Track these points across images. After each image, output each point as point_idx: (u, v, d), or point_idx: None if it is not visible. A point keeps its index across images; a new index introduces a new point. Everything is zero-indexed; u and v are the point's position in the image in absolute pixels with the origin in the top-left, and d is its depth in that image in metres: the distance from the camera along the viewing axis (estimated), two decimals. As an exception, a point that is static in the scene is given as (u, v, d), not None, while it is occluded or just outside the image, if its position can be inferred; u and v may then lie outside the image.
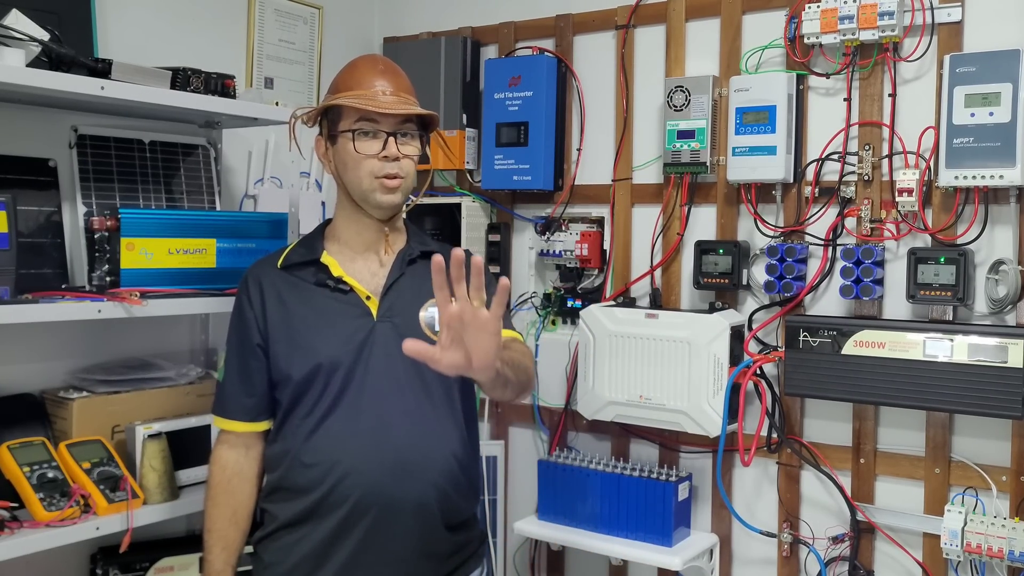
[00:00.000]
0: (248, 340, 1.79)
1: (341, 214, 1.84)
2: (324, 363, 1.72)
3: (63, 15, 2.04)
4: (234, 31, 2.55)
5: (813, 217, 2.18)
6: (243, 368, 1.79)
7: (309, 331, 1.75)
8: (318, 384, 1.73)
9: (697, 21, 2.36)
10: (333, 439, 1.71)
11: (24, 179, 2.04)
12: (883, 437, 2.13)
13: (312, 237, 1.87)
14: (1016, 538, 1.89)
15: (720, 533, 2.35)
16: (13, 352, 2.04)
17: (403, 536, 1.71)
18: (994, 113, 1.90)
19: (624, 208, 2.48)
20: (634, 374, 2.28)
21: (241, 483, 1.81)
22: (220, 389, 1.84)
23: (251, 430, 1.81)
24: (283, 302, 1.78)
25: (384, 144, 1.74)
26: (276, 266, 1.82)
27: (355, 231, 1.82)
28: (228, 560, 1.79)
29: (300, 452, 1.73)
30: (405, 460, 1.71)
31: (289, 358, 1.75)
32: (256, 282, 1.81)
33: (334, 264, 1.79)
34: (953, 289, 1.96)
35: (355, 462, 1.70)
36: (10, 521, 1.76)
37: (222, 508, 1.80)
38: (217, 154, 2.39)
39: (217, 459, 1.82)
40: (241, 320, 1.81)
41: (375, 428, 1.71)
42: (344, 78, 1.79)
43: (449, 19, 2.79)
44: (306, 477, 1.72)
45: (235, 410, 1.80)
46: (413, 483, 1.71)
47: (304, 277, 1.80)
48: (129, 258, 1.93)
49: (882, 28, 2.03)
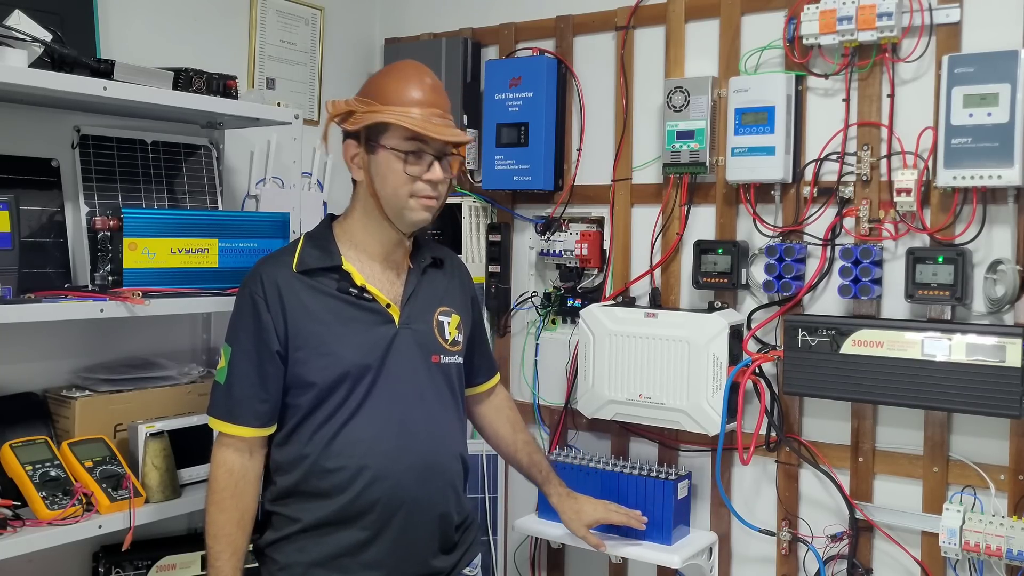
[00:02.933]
0: (266, 346, 1.73)
1: (362, 220, 1.81)
2: (352, 370, 1.73)
3: (66, 16, 2.05)
4: (236, 32, 2.56)
5: (812, 217, 2.19)
6: (259, 373, 1.73)
7: (335, 339, 1.74)
8: (342, 390, 1.73)
9: (696, 22, 2.37)
10: (358, 444, 1.72)
11: (27, 179, 2.04)
12: (882, 436, 2.14)
13: (323, 239, 1.82)
14: (1014, 536, 1.90)
15: (719, 531, 2.36)
16: (16, 351, 2.04)
17: (427, 536, 1.77)
18: (992, 113, 1.91)
19: (624, 208, 2.49)
20: (634, 373, 2.29)
21: (247, 487, 1.76)
22: (225, 393, 1.75)
23: (258, 436, 1.76)
24: (305, 308, 1.74)
25: (429, 166, 1.74)
26: (291, 268, 1.76)
27: (376, 240, 1.81)
28: (237, 565, 1.74)
29: (321, 457, 1.72)
30: (428, 463, 1.76)
31: (313, 365, 1.73)
32: (273, 285, 1.74)
33: (355, 272, 1.77)
34: (951, 289, 1.97)
35: (382, 466, 1.72)
36: (13, 520, 1.77)
37: (230, 512, 1.73)
38: (219, 154, 2.40)
39: (223, 463, 1.74)
40: (257, 324, 1.74)
41: (400, 433, 1.74)
42: (395, 89, 1.74)
43: (450, 20, 2.79)
44: (330, 482, 1.72)
45: (247, 416, 1.74)
46: (435, 485, 1.77)
47: (324, 283, 1.76)
48: (131, 258, 1.93)
49: (881, 29, 2.03)
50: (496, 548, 2.63)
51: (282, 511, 1.77)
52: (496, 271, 2.68)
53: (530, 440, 2.13)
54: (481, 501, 2.61)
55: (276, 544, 1.76)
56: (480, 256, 2.69)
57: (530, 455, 2.11)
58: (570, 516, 2.12)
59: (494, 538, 2.63)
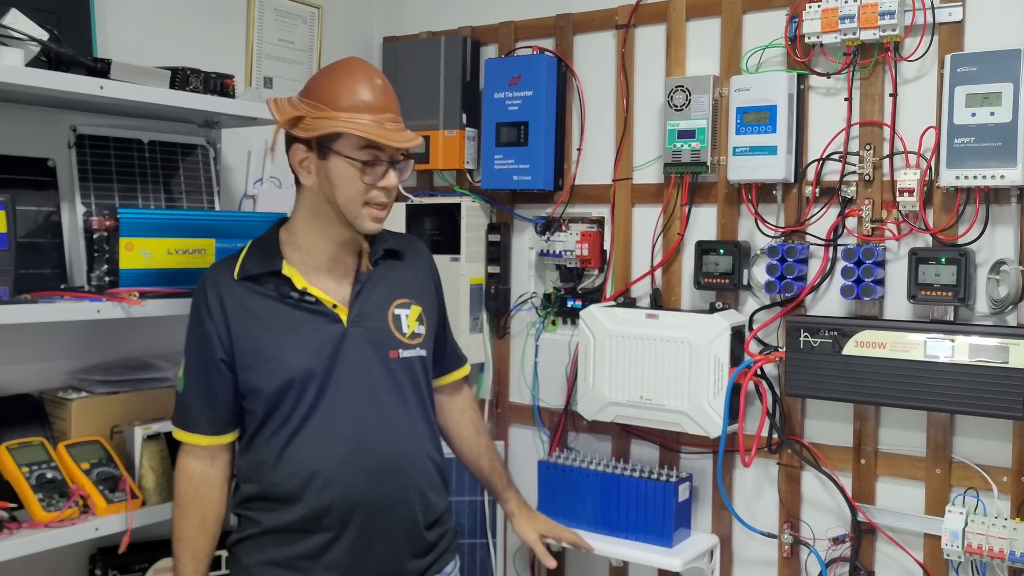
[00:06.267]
0: (210, 354, 1.73)
1: (308, 224, 1.76)
2: (296, 375, 1.71)
3: (62, 15, 2.04)
4: (233, 31, 2.55)
5: (814, 217, 2.18)
6: (206, 382, 1.75)
7: (278, 344, 1.72)
8: (291, 396, 1.72)
9: (698, 20, 2.36)
10: (310, 449, 1.71)
11: (23, 179, 2.03)
12: (884, 438, 2.13)
13: (266, 244, 1.79)
14: (1017, 539, 1.89)
15: (720, 534, 2.35)
16: (12, 352, 2.03)
17: (388, 538, 1.74)
18: (995, 113, 1.90)
19: (624, 208, 2.48)
20: (634, 374, 2.27)
21: (208, 490, 1.78)
22: (181, 401, 1.78)
23: (216, 443, 1.78)
24: (247, 313, 1.73)
25: (384, 173, 1.71)
26: (233, 276, 1.75)
27: (318, 242, 1.76)
28: (198, 568, 1.77)
29: (276, 464, 1.72)
30: (384, 464, 1.73)
31: (258, 372, 1.72)
32: (215, 293, 1.74)
33: (296, 275, 1.75)
34: (954, 289, 1.95)
35: (335, 470, 1.70)
36: (9, 522, 1.76)
37: (191, 517, 1.76)
38: (216, 154, 2.39)
39: (182, 469, 1.78)
40: (201, 333, 1.74)
41: (352, 435, 1.72)
42: (345, 93, 1.68)
43: (449, 18, 2.78)
44: (285, 488, 1.71)
45: (198, 424, 1.76)
46: (394, 486, 1.74)
47: (265, 288, 1.74)
48: (128, 258, 1.92)
49: (883, 28, 2.02)
50: (495, 550, 2.62)
51: (248, 514, 1.78)
52: (496, 271, 2.67)
53: (492, 445, 2.11)
54: (480, 504, 2.60)
55: (240, 544, 1.78)
56: (479, 256, 2.68)
57: (492, 461, 2.08)
58: (523, 523, 2.09)
59: (493, 541, 2.62)
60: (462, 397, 2.09)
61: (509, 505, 2.10)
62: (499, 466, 2.10)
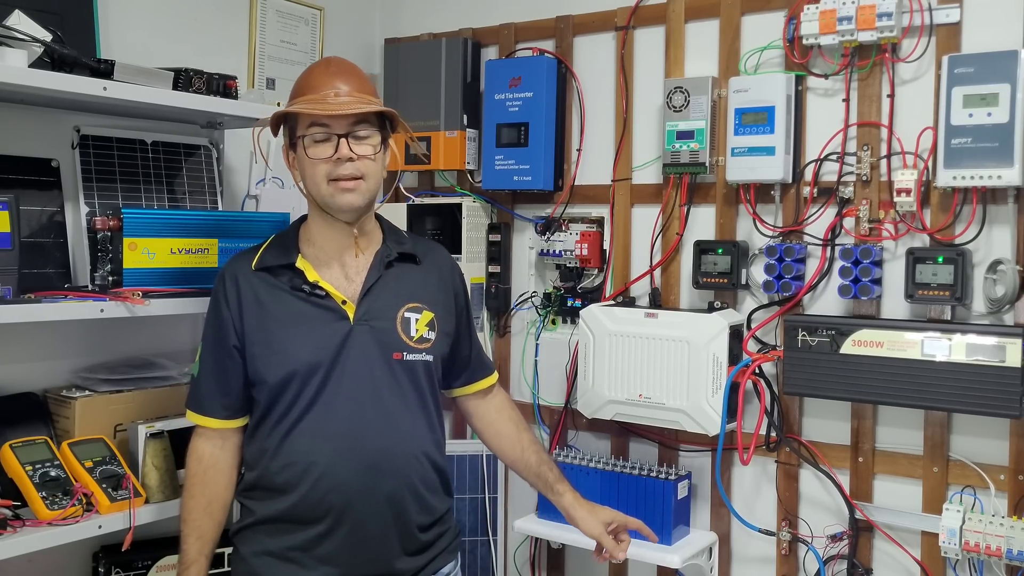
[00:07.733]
0: (224, 340, 1.79)
1: (314, 219, 1.83)
2: (300, 368, 1.74)
3: (65, 16, 2.05)
4: (236, 32, 2.56)
5: (812, 217, 2.19)
6: (219, 367, 1.80)
7: (286, 335, 1.76)
8: (293, 388, 1.74)
9: (696, 22, 2.37)
10: (308, 441, 1.73)
11: (27, 179, 2.05)
12: (881, 436, 2.14)
13: (287, 237, 1.86)
14: (1014, 536, 1.90)
15: (719, 531, 2.36)
16: (16, 351, 2.04)
17: (380, 535, 1.76)
18: (992, 114, 1.91)
19: (624, 208, 2.49)
20: (634, 373, 2.29)
21: (216, 475, 1.82)
22: (195, 384, 1.84)
23: (227, 427, 1.82)
24: (260, 304, 1.78)
25: (336, 147, 1.73)
26: (251, 267, 1.81)
27: (326, 235, 1.81)
28: (202, 550, 1.80)
29: (276, 453, 1.75)
30: (379, 461, 1.74)
31: (265, 362, 1.76)
32: (233, 281, 1.80)
33: (309, 269, 1.78)
34: (951, 289, 1.97)
35: (330, 464, 1.72)
36: (13, 520, 1.77)
37: (197, 499, 1.81)
38: (219, 154, 2.40)
39: (193, 451, 1.83)
40: (218, 319, 1.81)
41: (349, 431, 1.74)
42: (299, 84, 1.79)
43: (450, 20, 2.79)
44: (282, 478, 1.74)
45: (211, 407, 1.81)
46: (388, 483, 1.75)
47: (279, 280, 1.79)
48: (131, 258, 1.93)
49: (880, 29, 2.03)
50: (496, 548, 2.63)
51: (247, 503, 1.81)
52: (496, 271, 2.68)
53: (536, 439, 2.04)
54: (481, 501, 2.61)
55: (239, 533, 1.81)
56: (480, 256, 2.69)
57: (539, 453, 2.00)
58: (585, 515, 1.94)
59: (494, 538, 2.63)
60: (497, 399, 2.06)
61: (565, 499, 1.96)
62: (547, 458, 2.01)
